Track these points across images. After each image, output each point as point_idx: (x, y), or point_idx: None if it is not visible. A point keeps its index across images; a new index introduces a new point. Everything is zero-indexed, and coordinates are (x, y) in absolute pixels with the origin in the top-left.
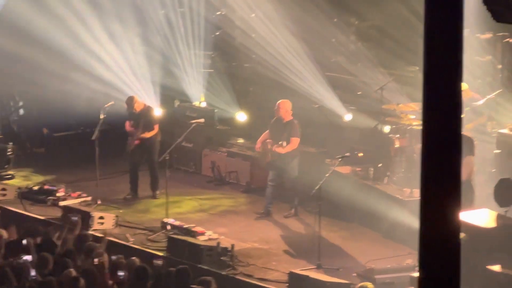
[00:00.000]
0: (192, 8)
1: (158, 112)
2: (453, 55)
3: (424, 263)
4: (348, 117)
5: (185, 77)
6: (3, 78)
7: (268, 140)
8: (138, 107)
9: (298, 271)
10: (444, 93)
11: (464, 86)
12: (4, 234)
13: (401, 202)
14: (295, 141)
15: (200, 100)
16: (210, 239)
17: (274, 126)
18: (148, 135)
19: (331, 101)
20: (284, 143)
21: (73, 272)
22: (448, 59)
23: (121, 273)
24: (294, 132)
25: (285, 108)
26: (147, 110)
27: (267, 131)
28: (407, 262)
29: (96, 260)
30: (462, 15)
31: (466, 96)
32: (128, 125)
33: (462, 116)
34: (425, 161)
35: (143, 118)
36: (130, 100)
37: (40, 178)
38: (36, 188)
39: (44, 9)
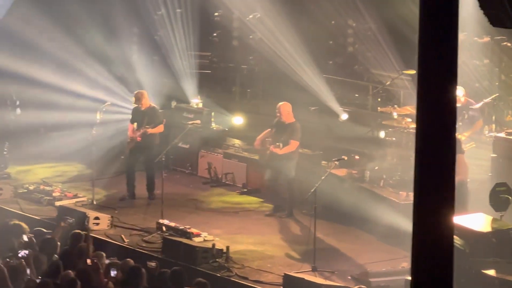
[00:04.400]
0: (190, 9)
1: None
2: (447, 59)
3: (416, 267)
4: (344, 116)
5: (182, 78)
6: (0, 77)
7: (267, 139)
8: (145, 104)
9: (293, 273)
10: (439, 97)
11: (462, 90)
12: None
13: (397, 205)
14: (294, 144)
15: (197, 102)
16: (205, 241)
17: (276, 126)
18: (153, 131)
19: (329, 102)
20: (281, 145)
21: (71, 273)
22: (443, 64)
23: (113, 272)
24: (295, 135)
25: (286, 110)
26: (152, 109)
27: (269, 130)
28: (402, 265)
29: (89, 260)
30: (457, 20)
31: (462, 102)
32: (131, 130)
33: (457, 122)
34: (419, 164)
35: (148, 116)
36: (140, 95)
37: (36, 178)
38: (32, 188)
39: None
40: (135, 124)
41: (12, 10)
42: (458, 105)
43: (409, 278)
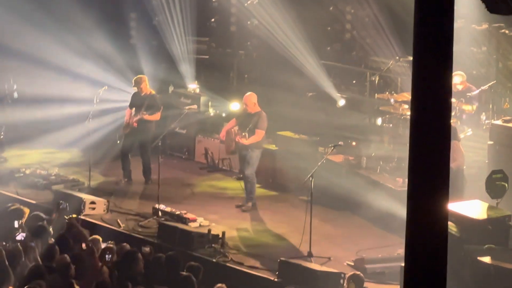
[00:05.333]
0: None
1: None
2: (443, 45)
3: (410, 253)
4: (342, 102)
5: (179, 63)
6: None
7: (233, 129)
8: (144, 89)
9: (289, 259)
10: (434, 84)
11: (462, 75)
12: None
13: (394, 192)
14: (260, 134)
15: (194, 87)
16: (201, 226)
17: (241, 116)
18: (149, 117)
19: (326, 88)
20: (247, 135)
21: (67, 257)
22: (438, 50)
23: (108, 256)
24: (260, 124)
25: (252, 101)
26: (152, 95)
27: (233, 119)
28: (398, 252)
29: (84, 245)
30: (452, 6)
31: (462, 86)
32: (128, 114)
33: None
34: (413, 151)
35: (147, 102)
36: (140, 79)
37: (33, 162)
38: (28, 171)
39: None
40: (133, 109)
41: None
42: (456, 90)
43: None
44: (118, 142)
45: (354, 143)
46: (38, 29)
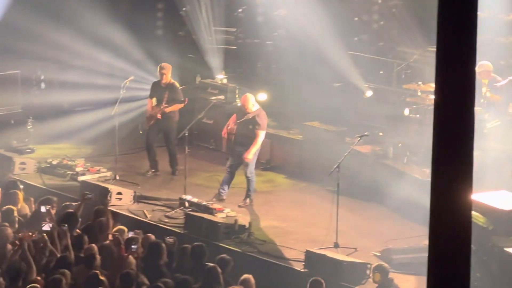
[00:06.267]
0: None
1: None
2: (467, 35)
3: (433, 244)
4: (369, 93)
5: (206, 53)
6: (25, 52)
7: (231, 126)
8: (166, 78)
9: (315, 250)
10: (457, 72)
11: (489, 66)
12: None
13: (421, 182)
14: (261, 135)
15: (221, 77)
16: (228, 216)
17: (241, 114)
18: (172, 108)
19: (353, 79)
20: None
21: (94, 247)
22: (462, 40)
23: (134, 246)
24: (260, 125)
25: (248, 102)
26: (172, 85)
27: (234, 115)
28: (425, 243)
29: (110, 235)
30: None
31: (487, 76)
32: (150, 105)
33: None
34: (437, 140)
35: (168, 92)
36: (165, 66)
37: (59, 153)
38: (55, 162)
39: None
40: (154, 99)
41: None
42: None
43: None
44: (141, 132)
45: (381, 134)
46: (65, 20)
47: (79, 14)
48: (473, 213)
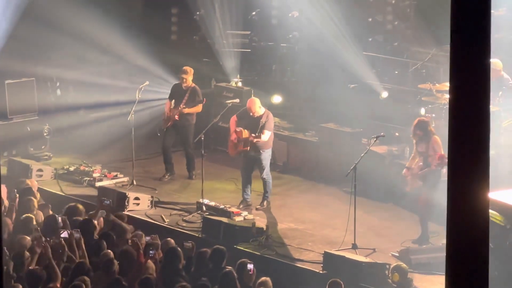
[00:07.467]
0: None
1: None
2: (481, 34)
3: (451, 243)
4: (385, 94)
5: (221, 57)
6: (41, 59)
7: (238, 129)
8: (188, 81)
9: (333, 251)
10: (471, 70)
11: (498, 65)
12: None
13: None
14: (269, 135)
15: (236, 80)
16: (245, 220)
17: (246, 118)
18: (189, 110)
19: (369, 80)
20: (262, 135)
21: (110, 253)
22: (476, 39)
23: (151, 252)
24: (268, 125)
25: (255, 105)
26: (194, 88)
27: (234, 117)
28: (443, 242)
29: (129, 241)
30: None
31: (496, 75)
32: (168, 107)
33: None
34: (452, 139)
35: (188, 95)
36: (188, 70)
37: (76, 159)
38: (72, 169)
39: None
40: (173, 101)
41: None
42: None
43: None
44: (159, 134)
45: (397, 134)
46: (79, 27)
47: (93, 21)
48: (491, 211)
